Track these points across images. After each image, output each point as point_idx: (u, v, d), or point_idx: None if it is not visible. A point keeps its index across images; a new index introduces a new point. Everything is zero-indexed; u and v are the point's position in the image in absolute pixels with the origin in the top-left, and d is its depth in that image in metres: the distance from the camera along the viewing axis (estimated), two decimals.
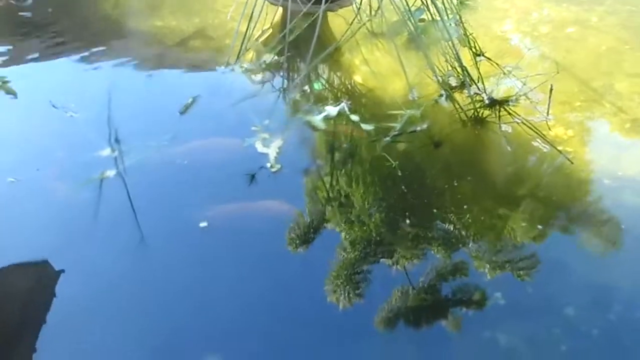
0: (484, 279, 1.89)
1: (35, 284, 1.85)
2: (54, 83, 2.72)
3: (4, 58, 2.83)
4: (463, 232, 2.05)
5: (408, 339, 1.74)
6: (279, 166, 2.15)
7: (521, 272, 1.92)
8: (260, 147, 2.23)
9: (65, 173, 2.12)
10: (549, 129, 2.48)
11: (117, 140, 2.22)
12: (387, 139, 2.28)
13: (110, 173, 2.09)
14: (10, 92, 2.57)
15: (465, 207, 2.13)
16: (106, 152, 2.17)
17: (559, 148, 2.41)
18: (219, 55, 2.90)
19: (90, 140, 2.20)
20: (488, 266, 1.93)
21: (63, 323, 1.67)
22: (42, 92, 2.58)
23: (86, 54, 2.89)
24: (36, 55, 2.89)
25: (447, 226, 2.06)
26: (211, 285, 1.81)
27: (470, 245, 2.00)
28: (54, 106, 2.41)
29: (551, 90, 2.50)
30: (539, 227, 2.10)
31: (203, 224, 1.95)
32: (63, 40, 3.06)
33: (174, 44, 3.03)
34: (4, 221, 1.97)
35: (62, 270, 1.81)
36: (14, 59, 2.85)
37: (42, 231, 1.95)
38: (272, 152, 2.18)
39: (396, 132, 2.30)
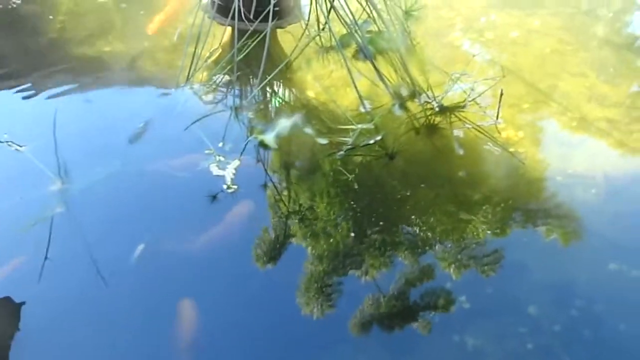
0: (450, 280, 1.95)
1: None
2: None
3: None
4: (426, 237, 2.10)
5: (380, 345, 1.77)
6: (235, 187, 2.15)
7: (485, 268, 2.00)
8: (215, 170, 2.22)
9: (15, 211, 2.06)
10: (499, 132, 2.57)
11: (66, 172, 2.17)
12: (341, 152, 2.31)
13: (60, 209, 2.05)
14: None
15: (425, 213, 2.19)
16: (56, 185, 2.12)
17: (511, 150, 2.49)
18: (169, 77, 2.88)
19: (39, 175, 2.15)
20: (453, 266, 1.99)
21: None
22: None
23: (30, 82, 2.82)
24: None
25: (410, 233, 2.11)
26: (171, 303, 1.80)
27: (435, 248, 2.06)
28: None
29: (501, 94, 2.58)
30: (499, 226, 2.17)
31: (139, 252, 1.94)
32: (4, 69, 2.98)
33: (122, 68, 2.99)
34: None
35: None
36: None
37: None
38: (227, 173, 2.18)
39: (350, 146, 2.33)
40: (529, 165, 2.45)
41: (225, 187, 2.15)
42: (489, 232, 2.14)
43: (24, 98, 2.70)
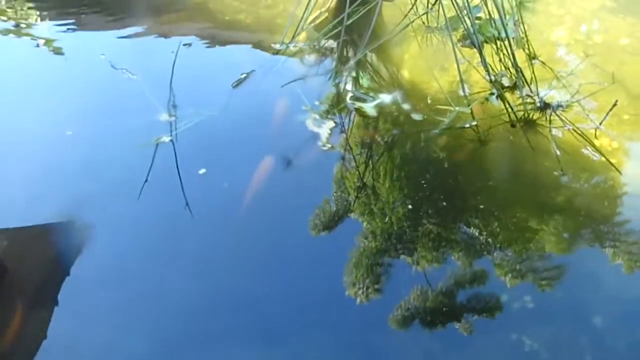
0: (505, 286, 1.92)
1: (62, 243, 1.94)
2: (114, 50, 2.85)
3: (65, 29, 2.97)
4: (489, 238, 2.08)
5: (421, 339, 1.77)
6: (330, 145, 2.24)
7: (543, 282, 1.95)
8: (311, 126, 2.32)
9: (124, 133, 2.24)
10: (596, 137, 2.54)
11: (173, 106, 2.33)
12: (436, 131, 2.36)
13: (166, 138, 2.21)
14: (58, 52, 2.72)
15: (498, 208, 2.19)
16: (163, 117, 2.28)
17: (602, 159, 2.46)
18: (271, 33, 2.99)
19: (148, 104, 2.32)
20: (510, 275, 1.96)
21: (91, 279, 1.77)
22: (102, 57, 2.72)
23: (142, 26, 3.02)
24: (96, 26, 3.03)
25: (475, 226, 2.11)
26: (235, 256, 1.90)
27: (494, 252, 2.03)
28: (113, 67, 2.54)
29: (615, 104, 2.54)
30: (573, 236, 2.13)
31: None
32: (120, 14, 3.19)
33: (228, 19, 3.13)
34: (56, 172, 2.11)
35: (87, 227, 1.92)
36: (76, 29, 2.99)
37: (88, 186, 2.07)
38: (323, 132, 2.28)
39: (445, 126, 2.38)
40: (620, 178, 2.42)
41: (319, 143, 2.25)
42: (562, 239, 2.12)
43: (140, 36, 2.90)
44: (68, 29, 3.00)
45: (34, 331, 1.64)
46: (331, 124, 2.35)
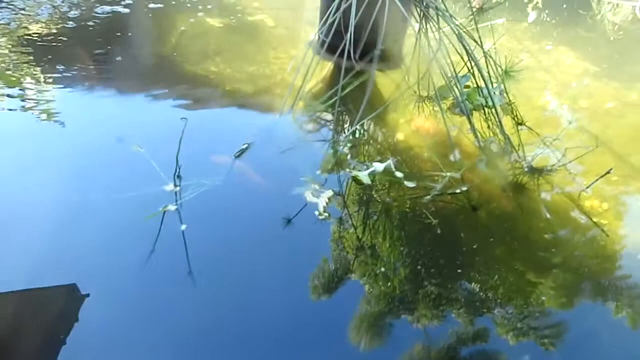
0: (506, 345, 2.01)
1: (62, 308, 2.01)
2: (113, 117, 3.04)
3: (64, 92, 3.17)
4: (489, 296, 2.19)
5: None
6: (327, 214, 2.38)
7: (546, 341, 2.03)
8: (309, 197, 2.46)
9: (129, 204, 2.38)
10: (583, 201, 2.67)
11: (178, 177, 2.48)
12: (428, 197, 2.51)
13: (172, 207, 2.35)
14: (58, 121, 2.88)
15: (494, 271, 2.29)
16: (169, 187, 2.43)
17: (594, 220, 2.59)
18: (271, 103, 3.19)
19: (153, 175, 2.48)
20: (512, 333, 2.04)
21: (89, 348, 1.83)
22: (102, 125, 2.91)
23: (146, 92, 3.22)
24: (97, 91, 3.23)
25: (472, 288, 2.21)
26: (239, 323, 1.98)
27: (495, 310, 2.13)
28: (120, 141, 2.71)
29: (608, 172, 2.70)
30: (568, 296, 2.23)
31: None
32: (121, 77, 3.41)
33: (228, 89, 3.35)
34: (60, 244, 2.21)
35: (87, 295, 1.98)
36: (74, 94, 3.18)
37: (94, 258, 2.16)
38: (321, 201, 2.42)
39: (437, 192, 2.53)
40: (611, 239, 2.54)
41: (317, 213, 2.39)
42: (558, 298, 2.21)
43: (142, 107, 3.10)
44: (67, 94, 3.17)
45: None
46: (329, 193, 2.49)
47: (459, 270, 2.28)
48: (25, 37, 3.66)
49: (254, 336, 1.93)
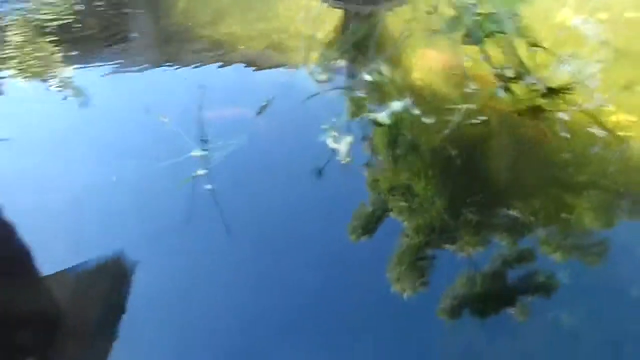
0: (549, 262, 2.03)
1: (115, 279, 2.14)
2: (136, 91, 3.16)
3: (87, 72, 3.30)
4: (526, 218, 2.22)
5: (472, 325, 1.88)
6: (349, 159, 2.48)
7: (590, 259, 2.07)
8: (331, 144, 2.56)
9: (162, 173, 2.52)
10: (609, 115, 2.66)
11: (204, 141, 2.60)
12: (447, 131, 2.56)
13: (201, 172, 2.48)
14: (85, 100, 3.03)
15: (526, 194, 2.35)
16: (196, 152, 2.56)
17: (621, 134, 2.58)
18: (285, 57, 3.25)
19: (180, 142, 2.60)
20: (556, 252, 2.07)
21: (143, 317, 1.94)
22: (132, 100, 3.04)
23: (164, 62, 3.32)
24: (117, 68, 3.34)
25: (507, 212, 2.25)
26: (282, 273, 2.07)
27: (536, 232, 2.16)
28: (147, 112, 2.85)
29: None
30: (604, 211, 2.26)
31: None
32: (138, 52, 3.51)
33: (243, 49, 3.41)
34: (103, 218, 2.36)
35: (139, 263, 2.12)
36: (96, 74, 3.31)
37: (136, 228, 2.30)
38: (342, 147, 2.51)
39: (455, 125, 2.57)
40: (634, 150, 2.53)
41: (340, 159, 2.49)
42: (593, 215, 2.24)
43: (162, 78, 3.21)
44: (89, 75, 3.30)
45: None
46: (349, 138, 2.58)
47: (492, 197, 2.34)
48: (40, 23, 3.78)
49: (298, 282, 2.03)
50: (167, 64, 3.33)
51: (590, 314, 1.88)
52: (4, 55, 3.44)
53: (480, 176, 2.45)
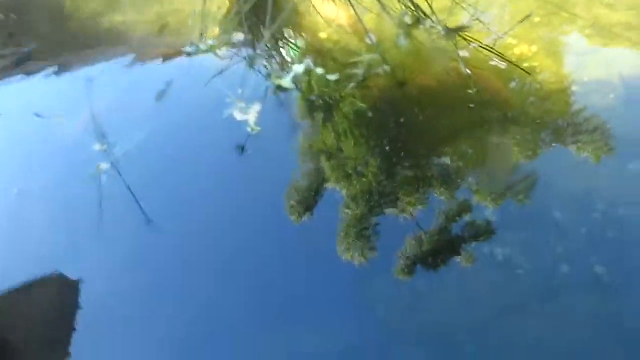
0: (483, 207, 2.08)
1: (55, 296, 2.09)
2: (33, 95, 2.99)
3: None
4: (456, 166, 2.24)
5: (425, 280, 1.91)
6: (258, 128, 2.42)
7: (521, 196, 2.11)
8: (238, 115, 2.49)
9: (65, 174, 2.40)
10: (512, 48, 2.72)
11: (103, 136, 2.49)
12: (352, 84, 2.55)
13: (104, 166, 2.37)
14: None
15: (444, 140, 2.35)
16: (97, 147, 2.44)
17: (525, 65, 2.64)
18: (183, 38, 3.14)
19: (81, 140, 2.48)
20: (488, 197, 2.11)
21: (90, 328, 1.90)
22: (25, 106, 2.86)
23: (56, 61, 3.15)
24: (9, 69, 3.15)
25: (439, 162, 2.26)
26: (220, 259, 2.04)
27: (467, 179, 2.19)
28: (38, 116, 2.69)
29: (527, 17, 2.75)
30: (524, 146, 2.29)
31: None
32: (30, 51, 3.31)
33: (139, 35, 3.28)
34: (14, 233, 2.24)
35: (78, 279, 2.05)
36: None
37: (54, 236, 2.22)
38: (250, 117, 2.45)
39: (359, 78, 2.56)
40: (545, 78, 2.59)
41: (249, 129, 2.43)
42: (516, 150, 2.28)
43: (53, 75, 3.04)
44: None
45: None
46: (256, 106, 2.52)
47: (417, 147, 2.36)
48: None
49: (242, 271, 1.99)
50: (63, 64, 3.16)
51: (524, 246, 1.94)
52: None
53: (392, 128, 2.45)
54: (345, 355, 1.73)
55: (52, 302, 2.06)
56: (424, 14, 2.73)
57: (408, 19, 2.78)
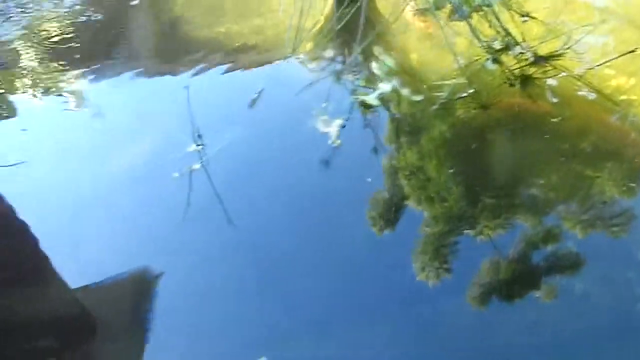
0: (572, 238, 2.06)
1: (137, 286, 2.23)
2: (138, 95, 3.30)
3: (86, 79, 3.44)
4: (545, 196, 2.23)
5: (498, 309, 1.93)
6: (339, 141, 2.56)
7: (614, 230, 2.08)
8: (322, 128, 2.65)
9: (159, 171, 2.64)
10: (609, 79, 2.67)
11: (199, 136, 2.72)
12: (435, 107, 2.63)
13: (195, 164, 2.59)
14: (86, 108, 3.15)
15: (537, 169, 2.37)
16: (191, 147, 2.67)
17: (622, 97, 2.58)
18: (278, 50, 3.36)
19: (177, 140, 2.73)
20: (579, 227, 2.08)
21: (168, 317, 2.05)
22: (129, 106, 3.18)
23: (160, 66, 3.46)
24: (115, 73, 3.48)
25: (526, 191, 2.29)
26: (299, 267, 2.13)
27: (556, 208, 2.19)
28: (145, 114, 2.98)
29: (633, 51, 2.70)
30: (620, 178, 2.26)
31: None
32: (135, 56, 3.65)
33: (238, 45, 3.54)
34: (105, 219, 2.46)
35: (160, 275, 2.20)
36: (96, 80, 3.45)
37: (141, 226, 2.42)
38: (332, 130, 2.60)
39: (443, 100, 2.64)
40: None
41: (330, 142, 2.57)
42: (612, 186, 2.24)
43: (157, 77, 3.34)
44: (87, 82, 3.41)
45: None
46: (339, 120, 2.66)
47: (504, 175, 2.40)
48: (43, 36, 3.94)
49: (319, 277, 2.07)
50: (164, 69, 3.46)
51: (618, 286, 1.92)
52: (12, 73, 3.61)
53: (481, 151, 2.50)
54: None
55: (135, 291, 2.21)
56: (515, 40, 2.77)
57: (497, 44, 2.83)
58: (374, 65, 3.03)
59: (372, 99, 2.73)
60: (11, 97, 3.37)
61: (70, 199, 2.59)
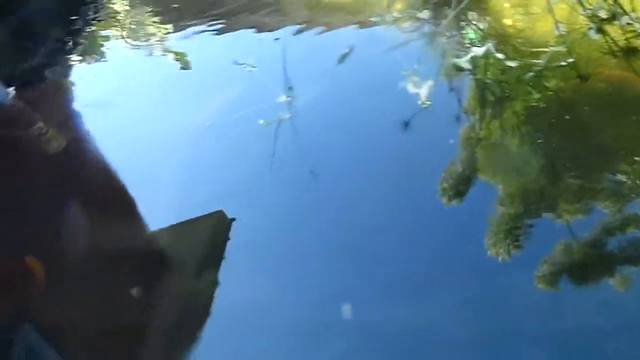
0: None
1: (213, 229, 2.35)
2: (233, 50, 3.39)
3: (183, 36, 3.57)
4: (633, 183, 2.12)
5: (569, 294, 1.88)
6: (429, 102, 2.57)
7: None
8: (411, 88, 2.66)
9: (251, 118, 2.74)
10: None
11: (289, 88, 2.80)
12: (531, 74, 2.57)
13: (286, 116, 2.68)
14: (185, 67, 3.28)
15: (623, 147, 2.27)
16: (282, 98, 2.76)
17: None
18: (372, 8, 3.37)
19: (269, 89, 2.82)
20: None
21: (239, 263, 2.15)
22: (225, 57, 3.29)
23: (254, 22, 3.54)
24: (209, 29, 3.59)
25: (613, 176, 2.16)
26: (373, 226, 2.16)
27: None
28: (236, 64, 3.08)
29: None
30: None
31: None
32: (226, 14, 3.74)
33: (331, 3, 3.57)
34: (193, 163, 2.60)
35: (234, 219, 2.29)
36: (194, 36, 3.57)
37: (225, 173, 2.53)
38: (422, 92, 2.60)
39: (539, 67, 2.57)
40: None
41: (420, 103, 2.59)
42: None
43: (253, 33, 3.44)
44: (188, 38, 3.54)
45: (202, 304, 2.06)
46: (430, 82, 2.66)
47: (591, 154, 2.30)
48: None
49: (391, 243, 2.08)
50: (259, 26, 3.52)
51: None
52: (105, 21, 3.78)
53: (573, 126, 2.41)
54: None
55: (211, 235, 2.32)
56: (623, 10, 2.64)
57: (603, 13, 2.71)
58: (467, 29, 2.99)
59: (464, 62, 2.70)
60: (109, 45, 3.55)
61: (158, 143, 2.75)
